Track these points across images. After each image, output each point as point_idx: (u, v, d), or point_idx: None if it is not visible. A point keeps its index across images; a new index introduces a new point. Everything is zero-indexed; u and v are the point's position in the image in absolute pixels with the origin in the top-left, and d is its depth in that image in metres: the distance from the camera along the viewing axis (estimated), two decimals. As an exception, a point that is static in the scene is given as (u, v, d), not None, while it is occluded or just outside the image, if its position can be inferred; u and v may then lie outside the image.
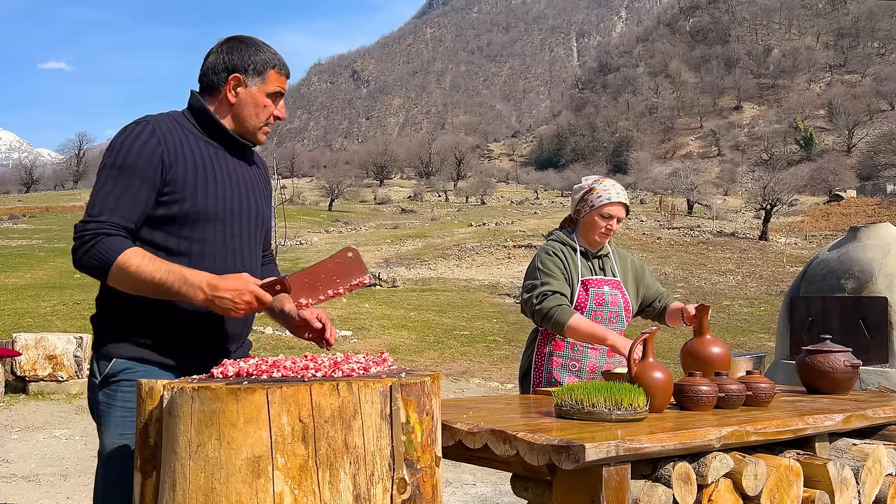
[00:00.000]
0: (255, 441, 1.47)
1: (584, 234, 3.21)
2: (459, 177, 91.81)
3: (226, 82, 2.13)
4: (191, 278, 1.91)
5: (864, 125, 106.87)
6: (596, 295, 3.13)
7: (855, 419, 2.37)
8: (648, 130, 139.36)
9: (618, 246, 3.37)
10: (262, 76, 2.13)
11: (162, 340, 2.04)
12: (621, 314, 3.18)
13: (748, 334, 16.94)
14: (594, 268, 3.21)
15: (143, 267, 1.90)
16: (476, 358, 13.91)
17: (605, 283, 3.16)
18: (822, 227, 48.46)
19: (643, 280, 3.33)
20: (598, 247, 3.23)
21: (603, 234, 3.17)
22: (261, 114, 2.15)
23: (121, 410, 2.00)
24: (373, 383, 1.55)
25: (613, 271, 3.24)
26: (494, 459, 1.98)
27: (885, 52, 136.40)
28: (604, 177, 3.30)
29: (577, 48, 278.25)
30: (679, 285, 28.87)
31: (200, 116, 2.13)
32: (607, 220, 3.15)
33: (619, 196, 3.17)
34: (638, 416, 2.06)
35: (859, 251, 4.48)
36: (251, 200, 2.20)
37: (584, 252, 3.21)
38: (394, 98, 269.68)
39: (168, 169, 2.01)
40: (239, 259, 2.15)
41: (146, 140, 2.00)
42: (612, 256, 3.27)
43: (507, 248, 36.69)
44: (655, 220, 50.24)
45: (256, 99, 2.13)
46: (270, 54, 2.15)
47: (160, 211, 2.02)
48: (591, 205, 3.17)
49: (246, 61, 2.13)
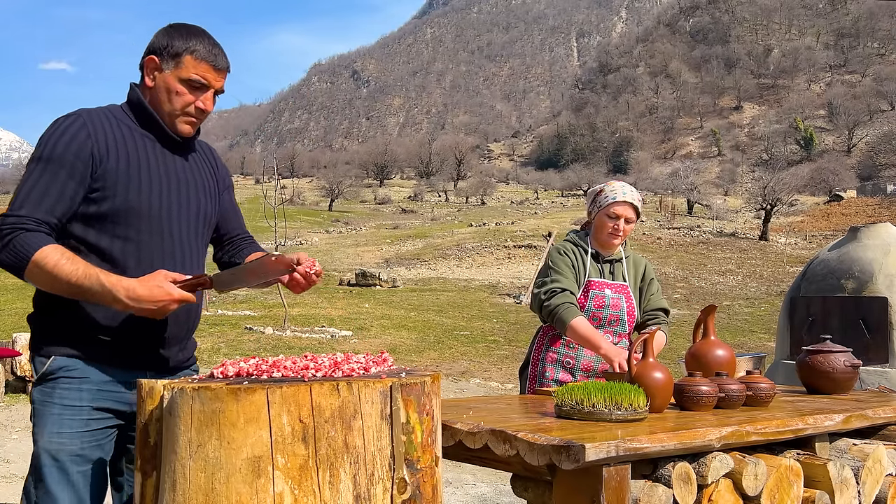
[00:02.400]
0: (255, 441, 1.47)
1: (597, 237, 3.22)
2: (459, 177, 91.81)
3: (145, 65, 2.05)
4: (108, 284, 1.83)
5: (864, 125, 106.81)
6: (596, 297, 3.13)
7: (855, 419, 2.37)
8: (648, 130, 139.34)
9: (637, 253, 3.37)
10: (177, 60, 2.02)
11: (100, 337, 1.97)
12: (623, 319, 3.16)
13: (748, 334, 16.93)
14: (603, 271, 3.21)
15: (60, 266, 1.83)
16: (476, 358, 13.91)
17: (607, 287, 3.16)
18: (822, 227, 48.45)
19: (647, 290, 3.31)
20: (611, 249, 3.23)
21: (611, 235, 3.16)
22: (174, 100, 2.03)
23: (58, 408, 1.92)
24: (373, 383, 1.55)
25: (624, 276, 3.23)
26: (494, 459, 1.98)
27: (885, 52, 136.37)
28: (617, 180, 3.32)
29: (577, 48, 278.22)
30: (679, 285, 28.87)
31: (135, 107, 2.05)
32: (614, 220, 3.14)
33: (626, 196, 3.16)
34: (638, 416, 2.06)
35: (859, 251, 4.48)
36: (190, 197, 2.11)
37: (596, 254, 3.22)
38: (394, 98, 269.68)
39: (98, 163, 1.93)
40: (179, 260, 2.05)
41: (75, 133, 1.93)
42: (625, 262, 3.26)
43: (507, 249, 36.68)
44: (655, 221, 50.23)
45: (169, 83, 2.02)
46: (195, 41, 2.04)
47: (91, 208, 1.94)
48: (599, 205, 3.19)
49: (164, 44, 2.03)
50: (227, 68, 2.10)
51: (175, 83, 2.02)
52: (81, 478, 1.92)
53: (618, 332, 3.17)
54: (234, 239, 2.35)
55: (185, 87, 2.02)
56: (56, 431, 1.91)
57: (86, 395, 1.95)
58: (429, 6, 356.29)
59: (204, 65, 2.03)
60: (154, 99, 2.04)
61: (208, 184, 2.20)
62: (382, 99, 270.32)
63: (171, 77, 2.02)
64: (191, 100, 2.04)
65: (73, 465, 1.91)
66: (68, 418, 1.92)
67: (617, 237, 3.17)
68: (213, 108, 2.10)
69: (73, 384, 1.94)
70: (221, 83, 2.10)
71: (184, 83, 2.02)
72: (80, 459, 1.92)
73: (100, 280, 1.84)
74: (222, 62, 2.08)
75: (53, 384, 1.94)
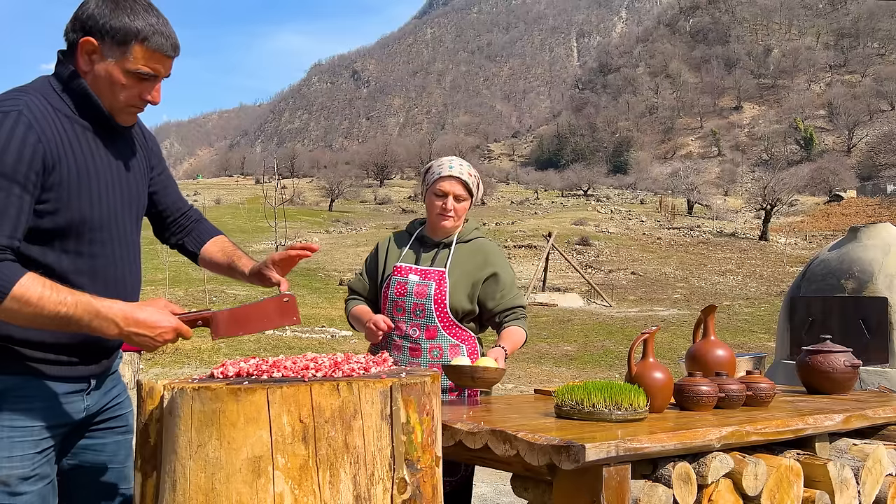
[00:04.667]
0: (255, 441, 1.47)
1: (429, 220, 2.87)
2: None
3: (79, 45, 1.73)
4: (104, 311, 1.66)
5: (864, 125, 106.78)
6: (398, 285, 2.79)
7: (855, 419, 2.37)
8: (648, 130, 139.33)
9: (490, 241, 2.94)
10: (124, 49, 1.71)
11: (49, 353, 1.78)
12: (429, 308, 2.73)
13: (748, 334, 16.93)
14: (421, 257, 2.83)
15: (44, 299, 1.61)
16: (476, 358, 13.87)
17: (413, 272, 2.78)
18: (822, 228, 48.47)
19: (487, 285, 2.83)
20: (444, 233, 2.84)
21: (440, 216, 2.78)
22: (118, 93, 1.75)
23: (7, 431, 1.74)
24: (373, 383, 1.55)
25: (446, 262, 2.81)
26: (494, 459, 1.98)
27: (885, 52, 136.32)
28: (456, 157, 2.93)
29: (578, 48, 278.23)
30: (679, 285, 28.87)
31: (75, 95, 1.75)
32: (441, 199, 2.77)
33: (453, 170, 2.77)
34: (638, 416, 2.06)
35: (859, 251, 4.48)
36: (131, 191, 1.91)
37: (422, 238, 2.87)
38: (394, 98, 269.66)
39: (49, 172, 1.67)
40: (128, 263, 1.90)
41: (23, 137, 1.63)
42: (454, 248, 2.83)
43: (507, 249, 36.67)
44: (655, 221, 50.24)
45: (112, 75, 1.73)
46: (144, 23, 1.71)
47: (38, 222, 1.69)
48: (426, 184, 2.84)
49: (107, 24, 1.70)
50: (178, 51, 1.80)
51: (120, 75, 1.73)
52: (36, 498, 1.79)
53: (425, 323, 2.74)
54: (179, 218, 2.13)
55: (133, 79, 1.75)
56: (6, 456, 1.73)
57: (37, 415, 1.78)
58: (429, 6, 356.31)
59: (156, 55, 1.74)
60: (92, 86, 1.76)
61: (141, 165, 1.96)
62: (382, 99, 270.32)
63: (116, 68, 1.72)
64: (138, 91, 1.77)
65: (24, 486, 1.77)
66: (19, 440, 1.75)
67: (446, 218, 2.77)
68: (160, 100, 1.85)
69: (22, 404, 1.76)
70: (170, 70, 1.81)
71: (131, 75, 1.74)
72: (32, 480, 1.78)
73: (93, 307, 1.66)
74: (174, 48, 1.78)
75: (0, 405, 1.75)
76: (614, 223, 47.54)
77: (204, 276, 23.81)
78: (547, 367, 13.32)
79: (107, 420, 1.99)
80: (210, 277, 22.13)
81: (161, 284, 22.58)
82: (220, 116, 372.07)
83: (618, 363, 13.38)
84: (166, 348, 13.89)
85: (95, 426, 1.98)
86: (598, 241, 39.00)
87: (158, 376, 11.82)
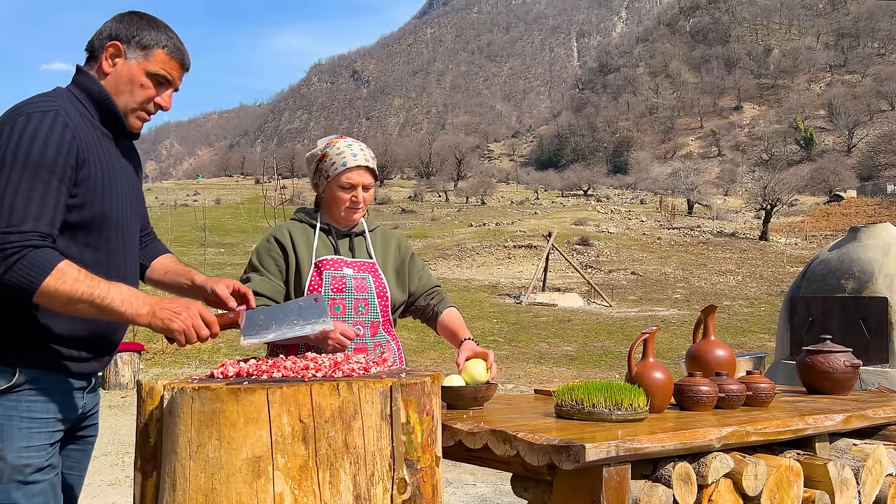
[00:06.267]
0: (255, 441, 1.47)
1: (331, 213, 2.60)
2: (459, 177, 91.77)
3: (104, 49, 1.92)
4: (133, 297, 1.77)
5: (864, 125, 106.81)
6: (333, 279, 2.49)
7: (855, 419, 2.37)
8: (648, 130, 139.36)
9: (386, 225, 2.81)
10: (147, 52, 1.92)
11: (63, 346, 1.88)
12: (373, 303, 2.53)
13: (748, 334, 16.93)
14: (338, 248, 2.58)
15: (78, 283, 1.71)
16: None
17: (346, 265, 2.54)
18: (822, 228, 48.48)
19: (408, 269, 2.70)
20: (349, 224, 2.62)
21: (350, 210, 2.55)
22: (136, 92, 1.93)
23: (26, 422, 1.82)
24: (373, 383, 1.55)
25: (369, 251, 2.61)
26: (494, 459, 1.98)
27: (885, 52, 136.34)
28: (341, 136, 2.64)
29: (578, 48, 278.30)
30: (679, 285, 28.87)
31: (97, 101, 1.91)
32: (350, 192, 2.52)
33: (358, 158, 2.52)
34: (638, 416, 2.06)
35: (859, 251, 4.48)
36: (136, 199, 2.05)
37: (328, 229, 2.60)
38: (394, 98, 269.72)
39: (80, 168, 1.81)
40: (132, 263, 2.03)
41: (61, 135, 1.77)
42: (367, 236, 2.65)
43: (507, 249, 36.68)
44: (655, 221, 50.24)
45: (133, 74, 1.92)
46: (165, 36, 1.95)
47: (67, 216, 1.81)
48: (326, 175, 2.55)
49: (133, 33, 1.92)
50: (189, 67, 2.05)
51: (141, 75, 1.92)
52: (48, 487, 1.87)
53: (369, 320, 2.53)
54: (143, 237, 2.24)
55: (151, 80, 1.94)
56: (25, 446, 1.82)
57: (52, 407, 1.87)
58: (429, 6, 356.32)
59: (174, 62, 1.97)
60: (109, 88, 1.93)
61: (139, 175, 2.12)
62: (382, 99, 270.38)
63: (138, 68, 1.92)
64: (153, 94, 1.96)
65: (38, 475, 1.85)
66: (36, 431, 1.84)
67: (357, 210, 2.56)
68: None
69: (40, 396, 1.86)
70: (181, 82, 2.04)
71: (150, 76, 1.94)
72: (45, 470, 1.87)
73: (125, 291, 1.76)
74: (188, 61, 2.02)
75: (18, 397, 1.83)
76: (614, 223, 47.54)
77: (204, 276, 23.72)
78: (547, 367, 13.32)
79: (84, 427, 2.06)
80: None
81: (161, 284, 22.52)
82: (220, 116, 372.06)
83: (618, 363, 13.38)
84: (166, 348, 13.89)
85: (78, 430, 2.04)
86: (598, 241, 39.01)
87: (158, 376, 11.82)
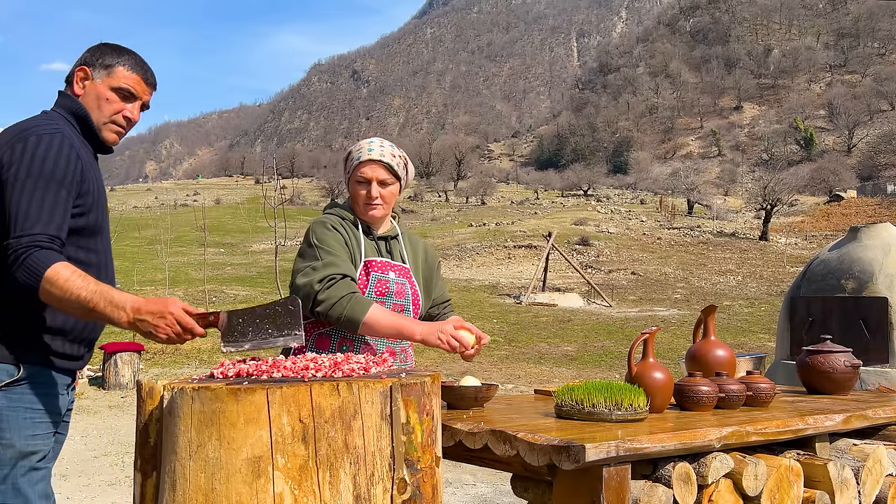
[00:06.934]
0: (255, 441, 1.47)
1: (357, 211, 2.53)
2: (459, 177, 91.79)
3: (74, 74, 2.15)
4: (117, 298, 1.87)
5: (864, 125, 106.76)
6: (378, 282, 2.44)
7: (855, 419, 2.37)
8: (648, 130, 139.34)
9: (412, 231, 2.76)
10: (109, 70, 2.14)
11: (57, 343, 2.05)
12: (409, 309, 2.50)
13: (748, 334, 16.93)
14: (380, 249, 2.52)
15: (71, 282, 1.85)
16: (476, 358, 13.88)
17: (391, 269, 2.49)
18: (822, 228, 48.49)
19: (433, 276, 2.68)
20: (377, 224, 2.55)
21: (367, 206, 2.48)
22: (103, 107, 2.14)
23: (30, 412, 1.99)
24: (373, 383, 1.55)
25: (403, 256, 2.57)
26: (494, 459, 1.98)
27: (885, 52, 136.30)
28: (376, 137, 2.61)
29: (578, 48, 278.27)
30: (679, 285, 28.87)
31: (80, 119, 2.13)
32: (365, 186, 2.47)
33: (374, 153, 2.47)
34: (638, 417, 2.06)
35: (859, 251, 4.48)
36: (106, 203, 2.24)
37: (367, 229, 2.53)
38: (394, 98, 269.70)
39: (82, 183, 2.03)
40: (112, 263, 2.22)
41: (68, 154, 2.00)
42: (401, 240, 2.60)
43: (507, 249, 36.69)
44: (655, 221, 50.25)
45: (99, 91, 2.13)
46: (126, 56, 2.16)
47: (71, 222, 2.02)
48: (347, 171, 2.54)
49: (97, 57, 2.15)
50: (155, 85, 2.24)
51: (105, 90, 2.13)
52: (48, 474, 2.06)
53: None
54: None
55: (116, 94, 2.14)
56: (31, 434, 1.98)
57: (49, 401, 2.04)
58: (429, 6, 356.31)
59: (135, 76, 2.16)
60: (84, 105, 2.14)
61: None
62: (382, 99, 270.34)
63: (102, 85, 2.13)
64: (120, 108, 2.15)
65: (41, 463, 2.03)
66: (39, 421, 2.01)
67: (373, 207, 2.47)
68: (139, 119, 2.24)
69: (42, 390, 2.02)
70: (149, 97, 2.22)
71: (114, 91, 2.14)
72: (48, 458, 2.05)
73: (109, 295, 1.87)
74: (151, 77, 2.22)
75: (22, 390, 1.99)
76: (614, 223, 47.55)
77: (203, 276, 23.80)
78: (547, 367, 13.32)
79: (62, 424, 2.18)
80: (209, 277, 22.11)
81: (161, 284, 22.58)
82: (220, 116, 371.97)
83: (618, 363, 13.38)
84: (165, 348, 13.89)
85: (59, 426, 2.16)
86: (598, 241, 39.01)
87: (158, 376, 11.81)
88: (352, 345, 2.41)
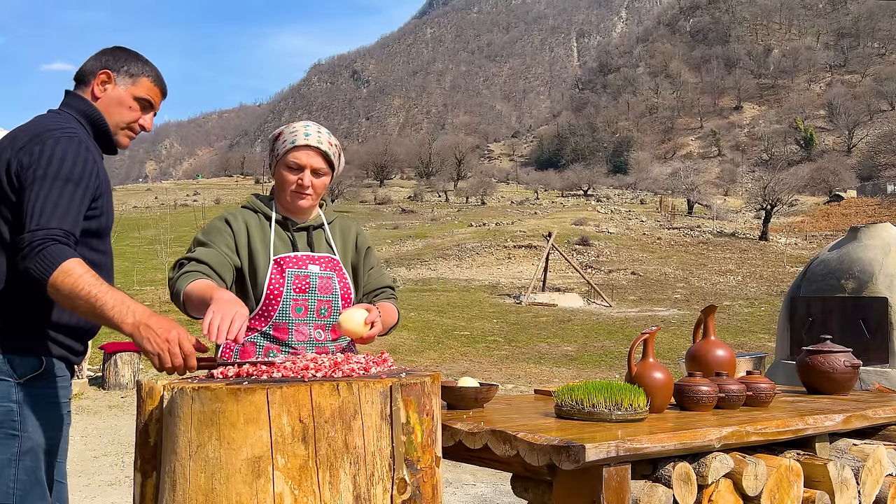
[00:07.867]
0: (255, 441, 1.47)
1: (281, 199, 2.37)
2: (459, 177, 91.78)
3: (95, 76, 2.18)
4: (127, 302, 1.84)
5: (864, 125, 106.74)
6: (296, 278, 2.26)
7: (855, 419, 2.37)
8: (648, 130, 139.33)
9: (344, 216, 2.55)
10: (134, 79, 2.21)
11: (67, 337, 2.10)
12: (336, 306, 2.30)
13: (748, 334, 16.93)
14: (297, 243, 2.34)
15: (84, 278, 1.84)
16: (476, 358, 13.91)
17: (311, 262, 2.31)
18: (822, 228, 48.49)
19: (362, 264, 2.47)
20: (303, 214, 2.38)
21: (295, 194, 2.31)
22: (125, 113, 2.20)
23: (48, 407, 2.04)
24: (373, 384, 1.55)
25: (331, 246, 2.39)
26: (494, 459, 1.98)
27: (885, 52, 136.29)
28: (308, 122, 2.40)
29: (577, 48, 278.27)
30: (679, 285, 28.88)
31: (93, 123, 2.16)
32: (297, 173, 2.29)
33: (310, 137, 2.29)
34: (638, 417, 2.06)
35: (859, 251, 4.48)
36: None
37: (284, 221, 2.36)
38: (394, 98, 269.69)
39: (97, 186, 2.07)
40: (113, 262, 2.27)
41: (86, 156, 2.04)
42: (327, 229, 2.41)
43: (507, 249, 36.69)
44: (655, 221, 50.26)
45: (122, 98, 2.19)
46: (149, 68, 2.24)
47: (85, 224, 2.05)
48: (276, 154, 2.34)
49: (121, 64, 2.20)
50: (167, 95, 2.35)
51: (129, 98, 2.20)
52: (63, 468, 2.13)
53: (331, 323, 2.29)
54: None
55: (137, 103, 2.22)
56: (50, 427, 2.03)
57: (63, 394, 2.10)
58: (429, 6, 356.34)
59: (156, 89, 2.26)
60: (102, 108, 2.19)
61: None
62: (382, 99, 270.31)
63: (126, 93, 2.19)
64: (138, 116, 2.23)
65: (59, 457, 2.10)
66: (56, 414, 2.06)
67: (303, 196, 2.31)
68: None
69: (58, 383, 2.08)
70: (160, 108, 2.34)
71: (137, 100, 2.21)
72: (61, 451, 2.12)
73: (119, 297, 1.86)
74: (166, 91, 2.33)
75: (42, 384, 2.03)
76: (614, 223, 47.55)
77: (204, 276, 23.68)
78: (547, 367, 13.32)
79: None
80: (210, 277, 22.03)
81: (161, 284, 22.57)
82: (220, 116, 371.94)
83: (618, 363, 13.38)
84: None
85: None
86: (598, 241, 39.01)
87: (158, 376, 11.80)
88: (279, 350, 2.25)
